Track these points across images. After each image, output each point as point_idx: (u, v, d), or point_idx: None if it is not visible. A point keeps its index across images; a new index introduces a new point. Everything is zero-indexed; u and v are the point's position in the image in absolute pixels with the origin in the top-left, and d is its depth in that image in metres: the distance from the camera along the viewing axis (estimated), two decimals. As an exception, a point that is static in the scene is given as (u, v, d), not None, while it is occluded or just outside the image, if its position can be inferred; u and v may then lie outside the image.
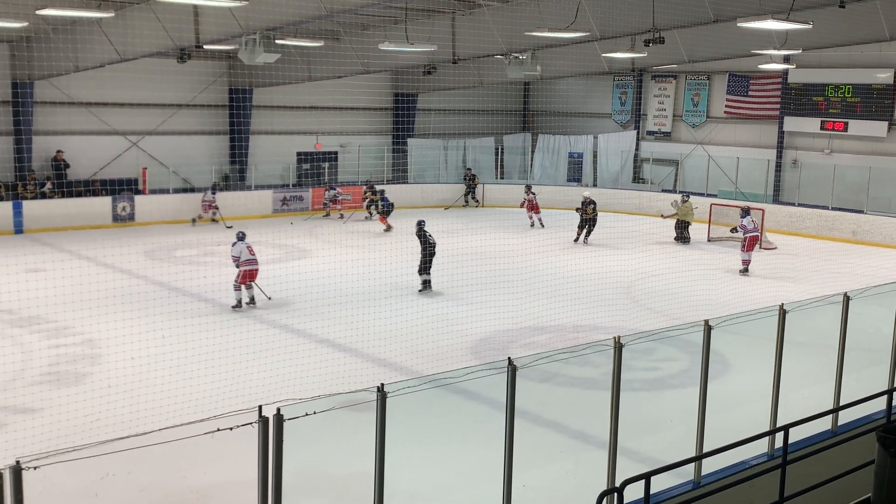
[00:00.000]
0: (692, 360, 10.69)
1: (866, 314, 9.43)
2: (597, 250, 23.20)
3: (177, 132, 28.25)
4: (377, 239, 23.36)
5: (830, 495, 7.74)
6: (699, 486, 7.03)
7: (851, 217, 26.70)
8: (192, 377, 11.43)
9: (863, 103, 28.31)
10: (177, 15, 19.28)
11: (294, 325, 14.95)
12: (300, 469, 8.14)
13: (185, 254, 21.47)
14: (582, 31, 19.16)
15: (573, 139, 34.94)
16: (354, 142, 32.48)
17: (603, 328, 14.83)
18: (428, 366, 12.44)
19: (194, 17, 19.29)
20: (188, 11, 19.05)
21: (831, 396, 8.55)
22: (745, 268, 20.75)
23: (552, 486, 8.72)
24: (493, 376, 6.21)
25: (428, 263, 17.94)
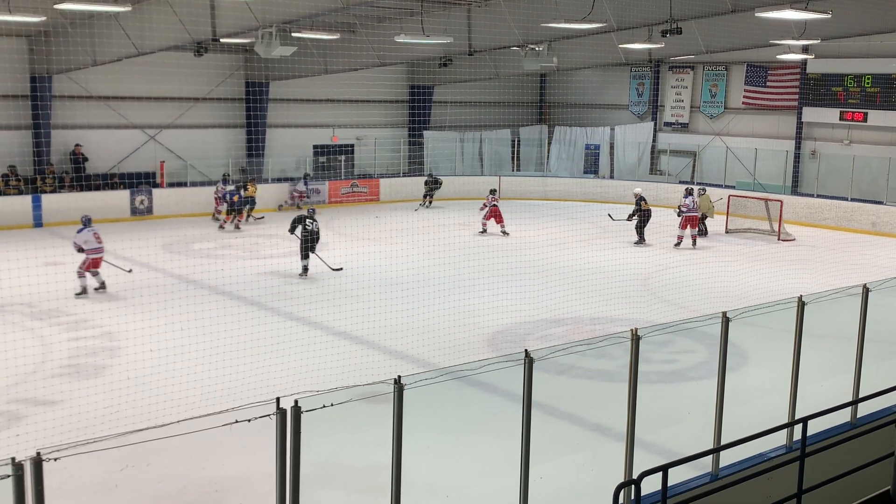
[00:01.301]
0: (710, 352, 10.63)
1: (886, 306, 9.36)
2: (614, 242, 23.12)
3: (194, 126, 28.36)
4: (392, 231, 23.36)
5: (849, 488, 7.70)
6: (717, 478, 7.00)
7: (871, 208, 26.48)
8: (211, 369, 11.49)
9: (882, 93, 28.05)
10: (193, 8, 19.33)
11: (311, 318, 14.99)
12: (318, 461, 8.17)
13: (203, 247, 21.56)
14: (598, 22, 19.07)
15: (590, 131, 34.81)
16: (371, 134, 32.50)
17: (620, 320, 14.79)
18: (444, 358, 12.46)
19: (211, 11, 19.34)
20: (205, 5, 19.11)
21: (850, 388, 8.49)
22: (678, 242, 22.68)
23: (569, 479, 8.71)
24: (510, 368, 6.21)
25: (307, 250, 18.30)
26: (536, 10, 20.96)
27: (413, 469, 6.60)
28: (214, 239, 22.02)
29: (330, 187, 29.72)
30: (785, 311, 7.71)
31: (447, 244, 20.54)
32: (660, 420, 10.22)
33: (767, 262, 20.90)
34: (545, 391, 7.96)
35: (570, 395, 11.36)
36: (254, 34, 18.99)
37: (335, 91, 30.27)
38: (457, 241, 21.17)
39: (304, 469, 5.31)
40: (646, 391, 7.14)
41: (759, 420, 7.40)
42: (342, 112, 31.26)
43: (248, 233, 22.86)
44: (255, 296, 16.55)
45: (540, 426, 6.48)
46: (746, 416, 8.30)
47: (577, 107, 35.95)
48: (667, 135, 34.23)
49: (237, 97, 29.23)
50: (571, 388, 11.61)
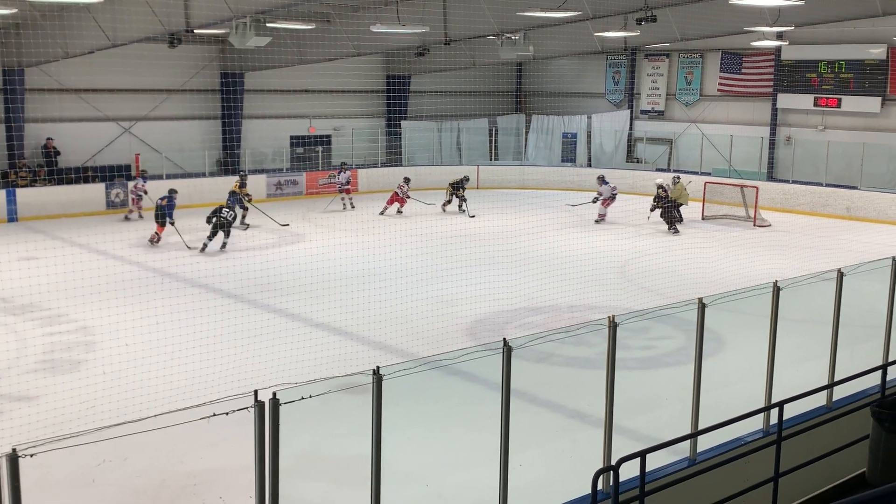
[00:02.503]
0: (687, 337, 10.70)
1: (860, 290, 9.46)
2: (591, 230, 23.21)
3: (169, 117, 28.13)
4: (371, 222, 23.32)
5: (825, 470, 7.79)
6: (695, 462, 7.06)
7: (845, 193, 26.73)
8: (188, 363, 11.44)
9: (856, 79, 28.28)
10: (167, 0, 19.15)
11: (289, 310, 14.95)
12: (298, 452, 8.16)
13: (178, 240, 21.41)
14: (574, 11, 19.09)
15: (567, 119, 34.86)
16: (348, 125, 32.37)
17: (598, 307, 14.86)
18: (424, 348, 12.47)
19: (184, 2, 19.17)
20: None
21: (826, 372, 8.58)
22: (600, 219, 24.30)
23: (549, 466, 8.76)
24: (489, 357, 6.22)
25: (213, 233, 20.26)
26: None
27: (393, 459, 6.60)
28: (191, 232, 21.85)
29: (307, 178, 29.60)
30: (760, 296, 7.76)
31: (425, 234, 20.55)
32: (638, 406, 10.29)
33: (743, 247, 21.05)
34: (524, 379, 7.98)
35: (549, 383, 11.42)
36: (228, 25, 18.84)
37: (311, 81, 30.12)
38: (435, 231, 21.16)
39: (284, 461, 5.30)
40: (624, 378, 7.18)
41: (736, 405, 7.46)
42: (319, 102, 31.11)
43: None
44: (233, 288, 16.48)
45: (519, 414, 6.50)
46: (723, 400, 8.38)
47: (553, 95, 35.98)
48: (643, 122, 34.35)
49: (212, 88, 29.01)
50: (551, 375, 11.66)
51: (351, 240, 20.30)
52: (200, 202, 26.19)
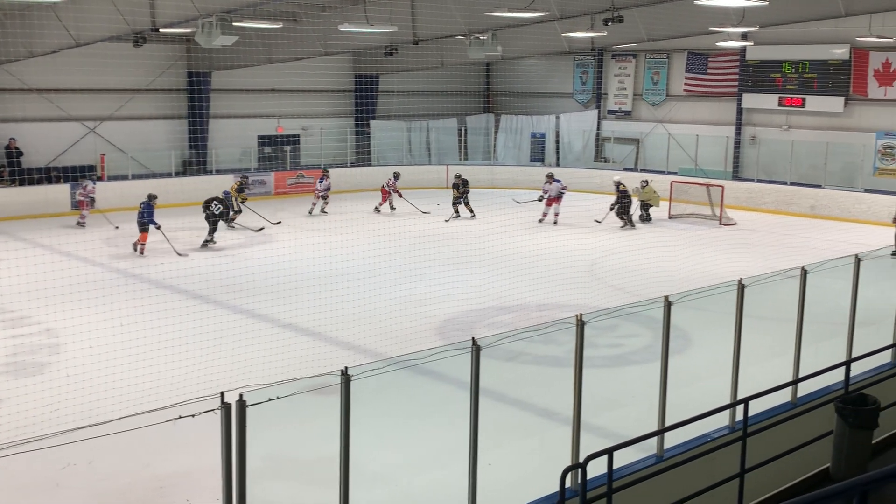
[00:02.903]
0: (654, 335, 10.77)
1: (824, 287, 9.57)
2: (560, 229, 23.31)
3: (135, 117, 27.84)
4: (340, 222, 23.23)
5: (790, 466, 7.88)
6: (662, 459, 7.11)
7: (810, 192, 27.07)
8: (154, 365, 11.34)
9: (819, 79, 28.65)
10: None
11: (257, 311, 14.86)
12: (266, 454, 8.11)
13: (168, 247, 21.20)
14: (541, 11, 19.16)
15: (535, 119, 34.99)
16: (316, 124, 32.23)
17: (567, 306, 14.91)
18: (393, 348, 12.44)
19: (150, 1, 18.99)
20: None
21: (790, 369, 8.67)
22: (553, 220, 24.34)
23: (518, 464, 8.78)
24: (458, 356, 6.22)
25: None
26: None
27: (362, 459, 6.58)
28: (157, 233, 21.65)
29: (276, 178, 29.44)
30: (726, 294, 7.84)
31: (395, 234, 20.52)
32: (606, 403, 10.35)
33: (709, 246, 21.25)
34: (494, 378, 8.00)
35: (518, 382, 11.44)
36: (194, 24, 18.68)
37: (279, 81, 29.95)
38: (404, 231, 21.13)
39: (252, 462, 5.27)
40: (592, 375, 7.21)
41: (702, 401, 7.52)
42: (287, 102, 30.94)
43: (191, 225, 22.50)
44: (199, 289, 16.34)
45: (489, 413, 6.51)
46: (690, 397, 8.43)
47: (522, 95, 36.08)
48: (610, 122, 34.55)
49: (178, 88, 28.76)
50: (520, 374, 11.69)
51: (320, 240, 20.22)
52: (166, 203, 25.95)
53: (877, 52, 27.20)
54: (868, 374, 9.20)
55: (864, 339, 9.44)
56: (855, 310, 9.36)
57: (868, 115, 27.96)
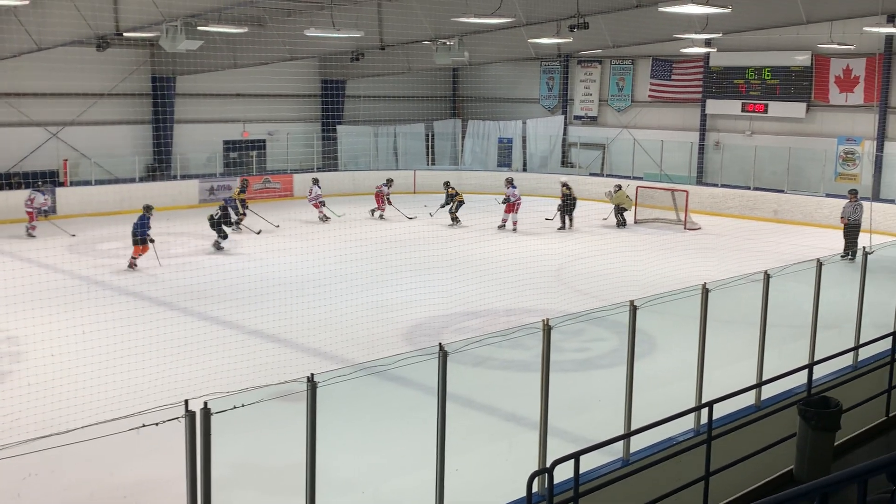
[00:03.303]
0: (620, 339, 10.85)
1: (787, 291, 9.69)
2: (527, 234, 23.39)
3: (98, 122, 27.54)
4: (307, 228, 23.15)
5: (754, 468, 7.96)
6: (628, 463, 7.15)
7: (772, 196, 27.43)
8: (117, 373, 11.20)
9: (782, 85, 29.05)
10: (95, 2, 18.75)
11: (223, 317, 14.75)
12: (231, 462, 8.05)
13: (109, 247, 20.99)
14: (507, 17, 19.21)
15: (502, 124, 35.12)
16: (283, 129, 32.09)
17: (534, 311, 14.97)
18: (361, 354, 12.40)
19: (113, 5, 18.80)
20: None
21: (754, 372, 8.77)
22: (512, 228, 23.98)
23: (485, 469, 8.79)
24: (426, 362, 6.22)
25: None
26: (446, 5, 21.00)
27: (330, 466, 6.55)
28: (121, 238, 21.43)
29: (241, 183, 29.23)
30: (690, 298, 7.91)
31: (362, 239, 20.46)
32: (573, 408, 10.40)
33: (674, 250, 21.44)
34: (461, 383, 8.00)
35: (486, 387, 11.46)
36: (158, 28, 18.53)
37: (245, 85, 29.80)
38: (371, 236, 21.09)
39: (218, 470, 5.22)
40: (559, 380, 7.24)
41: (668, 405, 7.57)
42: (253, 107, 30.78)
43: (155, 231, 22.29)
44: (164, 296, 16.19)
45: (456, 418, 6.51)
46: (656, 401, 8.49)
47: (489, 101, 36.19)
48: (577, 128, 34.76)
49: (143, 93, 28.50)
50: (487, 379, 11.72)
51: (286, 246, 20.12)
52: (131, 208, 25.72)
53: (837, 58, 27.64)
54: (830, 377, 9.32)
55: (826, 341, 9.57)
56: (817, 313, 9.48)
57: (829, 120, 28.40)
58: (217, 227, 21.26)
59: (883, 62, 26.56)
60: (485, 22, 19.82)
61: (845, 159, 27.82)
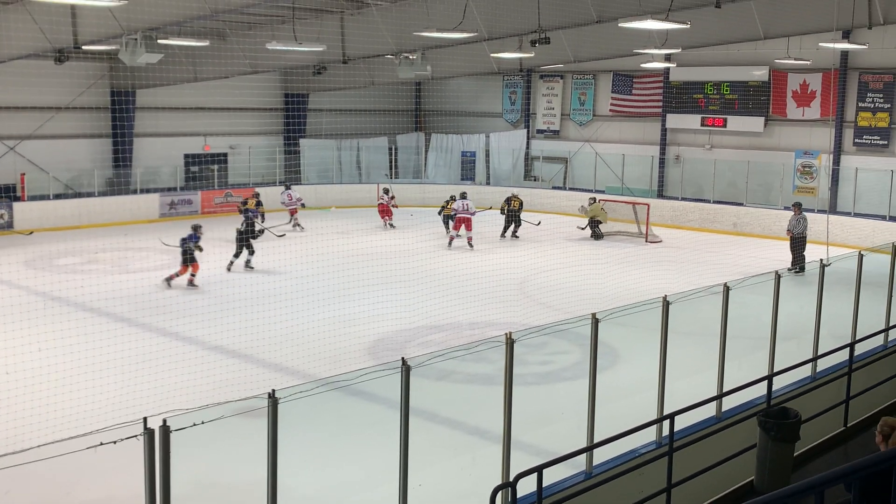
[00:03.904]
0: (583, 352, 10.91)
1: (746, 303, 9.81)
2: (490, 247, 23.44)
3: (56, 136, 27.16)
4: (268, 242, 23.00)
5: (716, 479, 8.02)
6: (591, 476, 7.17)
7: (732, 210, 27.78)
8: (75, 390, 11.00)
9: (740, 100, 29.49)
10: (53, 16, 18.50)
11: (183, 333, 14.57)
12: (192, 480, 7.94)
13: (68, 262, 20.68)
14: (470, 32, 19.29)
15: (465, 138, 35.23)
16: (245, 143, 31.90)
17: (498, 324, 14.99)
18: (324, 369, 12.32)
19: (72, 18, 18.57)
20: (65, 12, 18.32)
21: (715, 383, 8.84)
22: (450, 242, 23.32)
23: (449, 484, 8.76)
24: (389, 377, 6.20)
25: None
26: (409, 19, 21.05)
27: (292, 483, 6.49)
28: (79, 254, 21.14)
29: (202, 197, 29.01)
30: (652, 310, 7.97)
31: (325, 253, 20.36)
32: (536, 421, 10.41)
33: (636, 263, 21.61)
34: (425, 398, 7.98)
35: (450, 401, 11.44)
36: (118, 41, 18.33)
37: (206, 99, 29.58)
38: (335, 250, 20.99)
39: (179, 488, 5.15)
40: (522, 393, 7.25)
41: (630, 417, 7.62)
42: (214, 120, 30.55)
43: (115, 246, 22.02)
44: (124, 312, 15.97)
45: (420, 433, 6.49)
46: (618, 413, 8.54)
47: (452, 114, 36.29)
48: (539, 142, 34.98)
49: (102, 106, 28.15)
50: (451, 393, 11.69)
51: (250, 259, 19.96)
52: (89, 223, 25.41)
53: (795, 73, 28.13)
54: (789, 388, 9.44)
55: (785, 353, 9.69)
56: (776, 325, 9.60)
57: (787, 134, 28.88)
58: (246, 242, 20.36)
59: (838, 77, 27.08)
60: (447, 36, 19.89)
61: (803, 172, 28.29)
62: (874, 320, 11.36)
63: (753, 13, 21.99)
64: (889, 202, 25.33)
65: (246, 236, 20.41)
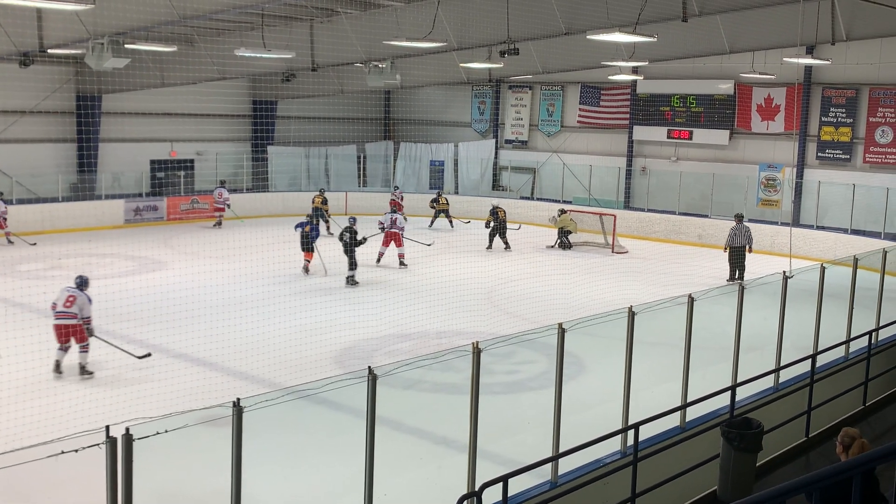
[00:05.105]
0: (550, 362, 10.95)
1: (710, 314, 9.91)
2: (458, 257, 23.46)
3: (20, 140, 26.80)
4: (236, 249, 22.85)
5: (679, 489, 8.09)
6: (556, 485, 7.19)
7: (697, 221, 28.06)
8: (36, 398, 10.85)
9: (706, 113, 29.85)
10: (18, 18, 18.27)
11: (148, 340, 14.42)
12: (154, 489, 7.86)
13: (30, 268, 20.39)
14: (439, 41, 19.35)
15: (434, 147, 35.30)
16: (212, 149, 31.69)
17: (466, 333, 15.00)
18: (290, 377, 12.24)
19: (38, 21, 18.36)
20: (30, 15, 18.11)
21: (680, 393, 8.92)
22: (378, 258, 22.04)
23: (414, 494, 8.75)
24: (355, 385, 6.18)
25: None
26: (378, 28, 21.08)
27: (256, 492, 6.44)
28: (42, 259, 20.85)
29: (168, 204, 28.77)
30: (617, 320, 8.03)
31: (292, 261, 20.28)
32: (503, 430, 10.42)
33: (602, 273, 21.73)
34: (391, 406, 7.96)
35: (416, 410, 11.43)
36: (84, 45, 18.15)
37: (173, 105, 29.38)
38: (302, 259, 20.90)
39: (141, 498, 5.10)
40: (489, 402, 7.27)
41: (595, 426, 7.66)
42: (181, 126, 30.34)
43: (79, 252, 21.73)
44: (88, 318, 15.73)
45: (386, 442, 6.47)
46: (584, 423, 8.59)
47: (421, 124, 36.35)
48: (508, 152, 35.13)
49: (67, 111, 27.85)
50: (418, 402, 11.68)
51: (214, 267, 19.80)
52: (53, 228, 25.09)
53: (759, 87, 28.54)
54: (752, 399, 9.55)
55: (748, 363, 9.80)
56: (740, 336, 9.71)
57: (752, 148, 29.27)
58: (352, 252, 19.71)
59: (802, 92, 27.51)
60: (417, 46, 19.93)
61: (767, 185, 28.67)
62: (836, 332, 11.53)
63: (719, 27, 22.28)
64: (851, 216, 25.74)
65: (351, 247, 19.75)
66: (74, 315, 12.85)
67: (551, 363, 7.91)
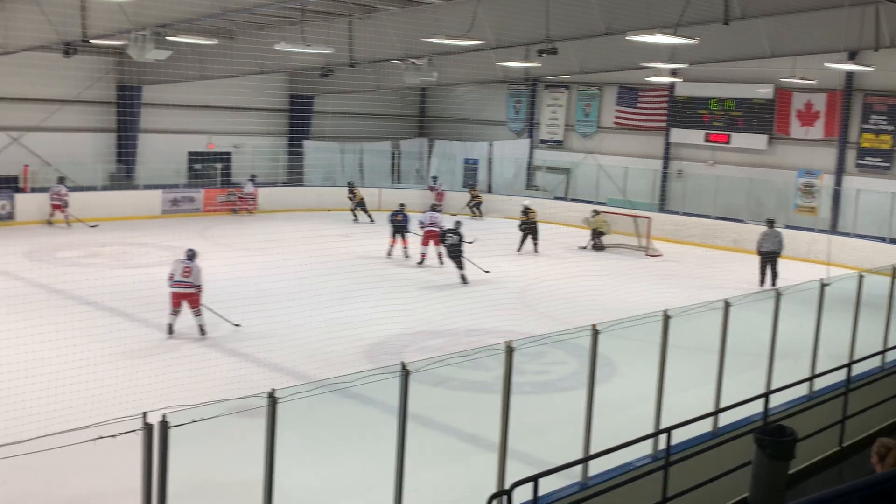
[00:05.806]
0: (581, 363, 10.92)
1: (745, 320, 9.82)
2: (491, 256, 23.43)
3: (61, 129, 27.21)
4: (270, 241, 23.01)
5: (711, 495, 8.03)
6: (586, 487, 7.18)
7: (733, 226, 27.78)
8: (74, 383, 11.01)
9: (745, 117, 29.54)
10: (62, 8, 18.55)
11: (182, 330, 14.58)
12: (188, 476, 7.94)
13: (69, 255, 20.70)
14: (477, 40, 19.35)
15: (469, 145, 35.28)
16: (248, 142, 31.94)
17: (496, 332, 14.97)
18: (322, 371, 12.32)
19: (81, 11, 18.62)
20: (74, 5, 18.36)
21: (712, 399, 8.86)
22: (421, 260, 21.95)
23: (443, 490, 8.77)
24: (386, 381, 6.21)
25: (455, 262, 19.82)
26: (417, 25, 21.10)
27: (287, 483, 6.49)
28: (81, 247, 21.15)
29: (205, 195, 29.04)
30: (651, 324, 7.99)
31: (326, 255, 20.38)
32: (533, 430, 10.41)
33: (636, 276, 21.62)
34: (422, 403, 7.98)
35: (446, 407, 11.44)
36: (127, 36, 18.38)
37: (212, 97, 29.64)
38: (336, 252, 21.01)
39: (174, 485, 5.16)
40: (519, 402, 7.26)
41: (626, 429, 7.63)
42: (219, 119, 30.60)
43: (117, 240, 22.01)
44: (124, 306, 15.96)
45: (416, 438, 6.50)
46: (615, 425, 8.54)
47: (456, 121, 36.34)
48: (542, 151, 35.02)
49: (108, 101, 28.23)
50: (448, 399, 11.70)
51: (249, 260, 19.99)
52: (91, 216, 25.43)
53: (800, 93, 28.18)
54: (786, 406, 9.45)
55: (783, 371, 9.71)
56: (774, 343, 9.62)
57: (790, 153, 28.92)
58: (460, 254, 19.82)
59: (843, 98, 27.14)
60: (455, 43, 19.93)
61: (804, 192, 28.33)
62: (872, 341, 11.39)
63: (761, 31, 22.03)
64: (890, 224, 25.37)
65: (458, 248, 19.82)
66: (191, 284, 14.49)
67: (582, 365, 7.90)
